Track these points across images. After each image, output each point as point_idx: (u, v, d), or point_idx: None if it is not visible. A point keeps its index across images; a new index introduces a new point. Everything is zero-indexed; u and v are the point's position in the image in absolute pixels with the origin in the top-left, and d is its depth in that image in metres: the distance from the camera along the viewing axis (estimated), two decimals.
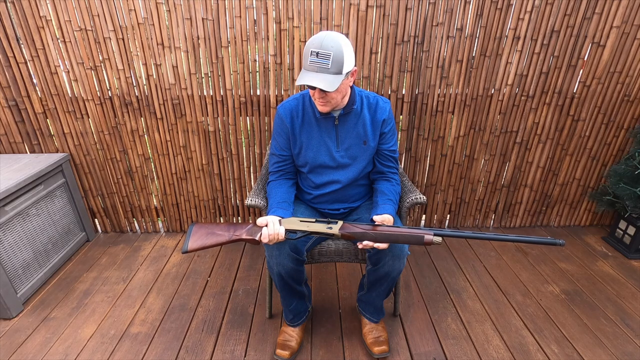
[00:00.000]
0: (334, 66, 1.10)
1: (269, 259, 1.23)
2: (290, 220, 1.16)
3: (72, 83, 1.83)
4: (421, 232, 1.05)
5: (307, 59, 1.12)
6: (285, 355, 1.36)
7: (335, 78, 1.11)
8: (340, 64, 1.11)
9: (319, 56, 1.10)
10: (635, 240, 1.97)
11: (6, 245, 1.57)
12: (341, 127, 1.29)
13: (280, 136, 1.34)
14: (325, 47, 1.09)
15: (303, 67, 1.15)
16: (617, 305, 1.67)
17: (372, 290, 1.36)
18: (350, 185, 1.36)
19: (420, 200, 1.36)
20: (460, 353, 1.43)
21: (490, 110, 1.98)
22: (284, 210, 1.22)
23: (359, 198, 1.42)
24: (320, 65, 1.10)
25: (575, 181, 2.19)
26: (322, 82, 1.09)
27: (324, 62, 1.10)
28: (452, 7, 1.73)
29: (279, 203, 1.25)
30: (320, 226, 1.13)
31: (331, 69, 1.10)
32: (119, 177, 2.08)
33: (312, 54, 1.11)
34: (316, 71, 1.11)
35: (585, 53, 1.84)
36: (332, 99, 1.18)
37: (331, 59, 1.09)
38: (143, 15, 1.70)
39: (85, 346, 1.45)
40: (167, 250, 2.08)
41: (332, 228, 1.12)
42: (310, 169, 1.34)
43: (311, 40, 1.12)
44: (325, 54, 1.09)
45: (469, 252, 2.07)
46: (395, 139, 1.38)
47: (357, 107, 1.29)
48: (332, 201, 1.39)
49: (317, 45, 1.10)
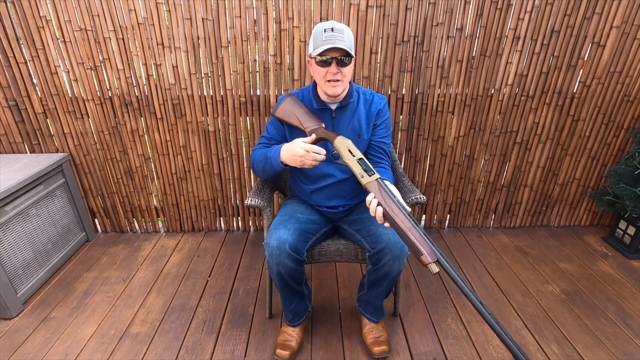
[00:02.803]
0: (347, 40, 1.16)
1: (269, 258, 1.23)
2: (342, 142, 1.15)
3: (72, 83, 1.83)
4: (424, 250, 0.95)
5: (322, 36, 1.16)
6: (285, 355, 1.36)
7: (351, 50, 1.16)
8: (351, 41, 1.18)
9: (334, 30, 1.15)
10: (635, 240, 1.97)
11: (6, 245, 1.57)
12: (337, 120, 1.32)
13: (273, 126, 1.38)
14: (336, 25, 1.17)
15: (315, 45, 1.18)
16: (617, 305, 1.67)
17: (372, 290, 1.36)
18: (346, 180, 1.37)
19: (420, 200, 1.36)
20: (460, 353, 1.43)
21: (490, 110, 1.98)
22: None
23: (356, 195, 1.42)
24: (336, 38, 1.15)
25: (575, 181, 2.19)
26: (345, 45, 1.14)
27: (339, 34, 1.15)
28: (452, 7, 1.73)
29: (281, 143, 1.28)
30: (357, 167, 1.10)
31: (346, 43, 1.15)
32: (119, 177, 2.08)
33: (326, 30, 1.15)
34: (336, 43, 1.14)
35: (585, 53, 1.84)
36: (345, 76, 1.21)
37: (345, 34, 1.16)
38: (143, 15, 1.70)
39: (85, 346, 1.45)
40: (167, 250, 2.08)
41: (364, 177, 1.08)
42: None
43: (318, 25, 1.19)
44: (339, 28, 1.16)
45: (469, 252, 2.07)
46: (388, 133, 1.39)
47: (353, 100, 1.33)
48: (330, 197, 1.39)
49: (329, 24, 1.16)
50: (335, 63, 1.17)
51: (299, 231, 1.27)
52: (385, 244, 1.20)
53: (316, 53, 1.17)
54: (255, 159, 1.33)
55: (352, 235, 1.37)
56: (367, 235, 1.28)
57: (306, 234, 1.30)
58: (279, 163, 1.22)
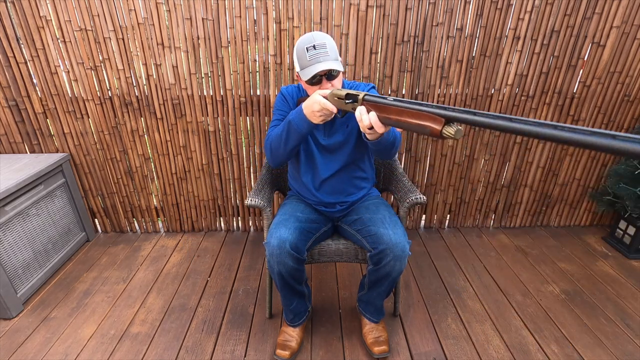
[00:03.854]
0: (332, 53, 1.15)
1: (270, 258, 1.23)
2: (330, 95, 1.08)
3: (72, 83, 1.83)
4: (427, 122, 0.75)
5: (306, 56, 1.14)
6: (285, 356, 1.36)
7: (338, 63, 1.17)
8: (335, 51, 1.17)
9: (316, 48, 1.14)
10: (635, 240, 1.97)
11: (6, 245, 1.57)
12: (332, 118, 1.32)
13: (281, 110, 1.37)
14: (317, 40, 1.15)
15: (301, 67, 1.17)
16: (617, 305, 1.68)
17: (372, 290, 1.36)
18: (341, 172, 1.38)
19: (420, 200, 1.36)
20: (460, 353, 1.43)
21: (490, 110, 1.98)
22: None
23: (355, 191, 1.43)
24: (321, 54, 1.14)
25: (575, 181, 2.19)
26: (335, 65, 1.14)
27: (322, 50, 1.14)
28: (452, 7, 1.73)
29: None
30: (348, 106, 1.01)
31: (331, 56, 1.15)
32: (119, 177, 2.08)
33: (308, 49, 1.14)
34: (320, 61, 1.13)
35: (585, 53, 1.84)
36: (334, 86, 1.20)
37: (328, 47, 1.14)
38: (143, 15, 1.70)
39: (85, 346, 1.45)
40: (167, 250, 2.08)
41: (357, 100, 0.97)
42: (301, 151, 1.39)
43: (299, 41, 1.17)
44: (320, 44, 1.14)
45: (469, 252, 2.07)
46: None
47: None
48: (329, 191, 1.40)
49: (310, 40, 1.15)
50: (326, 79, 1.17)
51: (300, 230, 1.27)
52: (386, 245, 1.20)
53: (305, 78, 1.16)
54: (273, 136, 1.27)
55: (352, 235, 1.38)
56: (368, 235, 1.28)
57: (307, 233, 1.31)
58: (304, 118, 1.15)
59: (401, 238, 1.21)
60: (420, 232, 2.27)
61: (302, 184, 1.44)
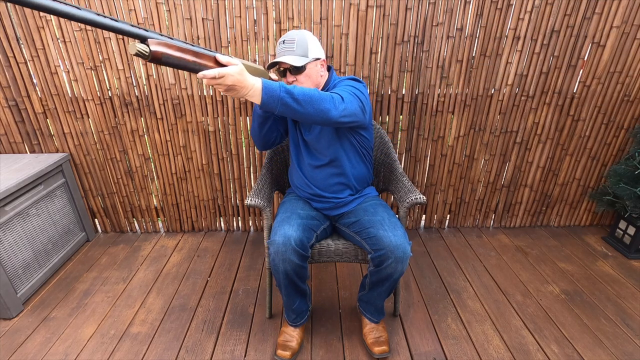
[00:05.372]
0: (299, 49, 1.26)
1: (274, 256, 1.23)
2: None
3: (72, 83, 1.83)
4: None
5: (277, 48, 1.30)
6: (286, 356, 1.36)
7: (301, 58, 1.26)
8: (304, 48, 1.27)
9: (285, 43, 1.28)
10: (635, 240, 1.97)
11: (6, 245, 1.57)
12: None
13: None
14: (289, 36, 1.28)
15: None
16: (617, 305, 1.68)
17: (373, 290, 1.36)
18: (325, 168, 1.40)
19: (420, 200, 1.36)
20: (460, 353, 1.43)
21: (490, 110, 1.98)
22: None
23: (344, 188, 1.43)
24: (286, 49, 1.27)
25: (575, 181, 2.19)
26: (289, 59, 1.25)
27: (289, 46, 1.27)
28: (452, 7, 1.73)
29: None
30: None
31: (297, 51, 1.26)
32: (119, 177, 2.08)
33: (279, 44, 1.30)
34: (284, 55, 1.27)
35: (585, 53, 1.84)
36: (302, 83, 1.29)
37: (295, 43, 1.26)
38: (143, 15, 1.70)
39: (85, 346, 1.45)
40: (167, 250, 2.08)
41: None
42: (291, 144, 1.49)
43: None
44: (289, 39, 1.27)
45: (469, 252, 2.07)
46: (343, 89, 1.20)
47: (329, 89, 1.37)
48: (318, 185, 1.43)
49: (283, 37, 1.30)
50: (290, 72, 1.29)
51: (302, 227, 1.29)
52: (387, 248, 1.20)
53: (268, 66, 1.31)
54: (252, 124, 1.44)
55: (351, 237, 1.38)
56: (367, 237, 1.28)
57: (309, 230, 1.32)
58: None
59: (402, 240, 1.21)
60: (420, 232, 2.27)
61: (297, 175, 1.49)
